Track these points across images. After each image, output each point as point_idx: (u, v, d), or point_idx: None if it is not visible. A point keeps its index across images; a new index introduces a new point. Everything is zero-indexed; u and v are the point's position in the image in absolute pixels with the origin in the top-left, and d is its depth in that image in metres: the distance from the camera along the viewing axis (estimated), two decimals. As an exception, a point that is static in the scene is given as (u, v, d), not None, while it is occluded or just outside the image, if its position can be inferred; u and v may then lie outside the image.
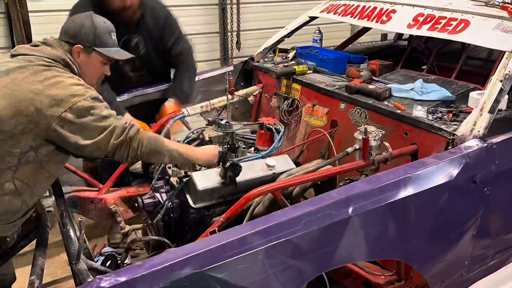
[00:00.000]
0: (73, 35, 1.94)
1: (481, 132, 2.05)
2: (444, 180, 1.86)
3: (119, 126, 1.82)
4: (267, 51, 3.46)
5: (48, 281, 2.80)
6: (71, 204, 2.39)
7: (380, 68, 3.02)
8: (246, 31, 5.30)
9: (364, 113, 2.54)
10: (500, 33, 2.28)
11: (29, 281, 1.69)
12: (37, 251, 1.88)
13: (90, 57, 1.98)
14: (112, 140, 1.80)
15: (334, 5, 3.24)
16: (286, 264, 1.53)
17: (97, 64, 2.01)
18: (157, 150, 1.95)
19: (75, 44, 1.93)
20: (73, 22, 1.98)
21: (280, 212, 1.63)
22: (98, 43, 1.98)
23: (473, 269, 2.17)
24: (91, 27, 1.96)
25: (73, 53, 1.93)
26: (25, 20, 4.09)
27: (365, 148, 2.02)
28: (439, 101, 2.45)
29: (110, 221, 2.60)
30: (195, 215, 2.17)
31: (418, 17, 2.64)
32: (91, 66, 1.99)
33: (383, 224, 1.73)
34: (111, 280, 1.31)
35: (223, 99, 3.00)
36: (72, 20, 2.00)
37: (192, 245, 1.47)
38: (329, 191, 1.74)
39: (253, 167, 2.26)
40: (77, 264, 1.57)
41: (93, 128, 1.76)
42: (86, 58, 1.97)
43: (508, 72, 2.14)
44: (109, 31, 2.03)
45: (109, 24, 2.06)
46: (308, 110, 2.92)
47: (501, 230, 2.25)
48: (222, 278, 1.40)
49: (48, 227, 2.03)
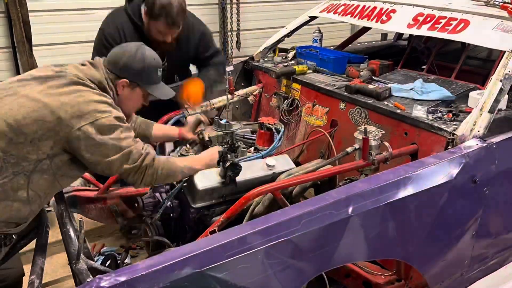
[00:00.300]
0: (121, 68, 1.94)
1: (481, 132, 2.06)
2: (444, 180, 1.86)
3: (136, 151, 1.84)
4: (267, 50, 3.46)
5: (48, 281, 2.80)
6: (71, 204, 2.39)
7: (380, 68, 3.01)
8: (246, 31, 5.31)
9: (364, 113, 2.54)
10: (500, 33, 2.28)
11: (29, 281, 1.69)
12: (37, 251, 1.88)
13: (134, 92, 2.00)
14: (126, 164, 1.83)
15: (334, 4, 3.24)
16: (286, 264, 1.53)
17: (139, 98, 2.05)
18: (170, 173, 1.99)
19: (121, 77, 1.94)
20: (123, 54, 1.96)
21: (280, 211, 1.63)
22: (145, 80, 2.00)
23: (473, 269, 2.17)
24: (140, 64, 1.96)
25: (118, 86, 1.95)
26: (25, 20, 4.10)
27: (365, 148, 2.02)
28: (439, 101, 2.45)
29: (110, 221, 2.61)
30: (195, 214, 2.17)
31: (418, 16, 2.65)
32: (133, 100, 2.03)
33: (383, 224, 1.73)
34: (111, 280, 1.31)
35: (223, 99, 3.00)
36: (123, 51, 1.98)
37: (192, 244, 1.47)
38: (329, 191, 1.74)
39: (253, 167, 2.26)
40: (77, 263, 1.57)
41: (110, 147, 1.78)
42: (130, 92, 1.99)
43: (508, 71, 2.14)
44: (157, 68, 2.04)
45: (158, 61, 2.05)
46: (308, 110, 2.92)
47: (501, 229, 2.25)
48: (222, 278, 1.40)
49: (48, 227, 2.02)
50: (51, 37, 4.40)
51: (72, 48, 4.49)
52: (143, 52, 1.99)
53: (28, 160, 1.71)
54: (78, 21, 4.45)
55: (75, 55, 4.44)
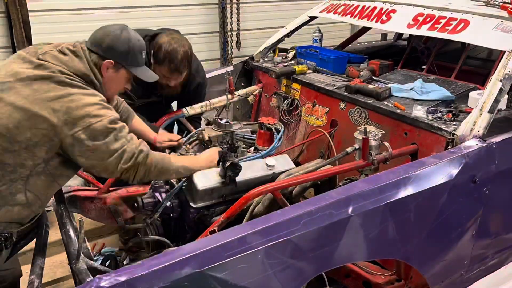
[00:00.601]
0: (106, 49, 1.91)
1: (481, 132, 2.05)
2: (444, 180, 1.86)
3: (129, 150, 1.84)
4: (267, 50, 3.47)
5: (47, 281, 2.80)
6: (71, 203, 2.39)
7: (380, 68, 3.02)
8: (246, 31, 5.31)
9: (364, 112, 2.54)
10: (500, 33, 2.28)
11: (29, 281, 1.69)
12: (37, 251, 1.88)
13: (118, 73, 1.98)
14: (121, 164, 1.82)
15: (334, 5, 3.24)
16: (286, 264, 1.53)
17: (122, 80, 2.03)
18: (164, 171, 1.99)
19: (106, 58, 1.91)
20: (108, 35, 1.93)
21: (279, 211, 1.63)
22: (130, 62, 1.97)
23: (472, 269, 2.17)
24: (126, 45, 1.93)
25: (102, 67, 1.91)
26: (25, 19, 4.09)
27: (365, 148, 2.02)
28: (439, 101, 2.45)
29: (110, 221, 2.60)
30: (195, 214, 2.17)
31: (418, 17, 2.65)
32: (117, 81, 2.00)
33: (382, 224, 1.73)
34: (110, 280, 1.31)
35: (223, 99, 3.00)
36: (107, 32, 1.95)
37: (191, 244, 1.47)
38: (329, 191, 1.74)
39: (253, 167, 2.26)
40: (76, 263, 1.57)
41: (103, 150, 1.78)
42: (114, 73, 1.96)
43: (508, 72, 2.14)
44: (142, 50, 2.02)
45: (143, 43, 2.05)
46: (308, 109, 2.92)
47: (500, 229, 2.25)
48: (222, 277, 1.40)
49: (48, 226, 2.02)
50: (51, 37, 4.37)
51: (72, 48, 4.48)
52: (128, 33, 1.97)
53: (25, 167, 1.71)
54: (78, 21, 4.45)
55: (75, 55, 4.44)
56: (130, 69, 1.99)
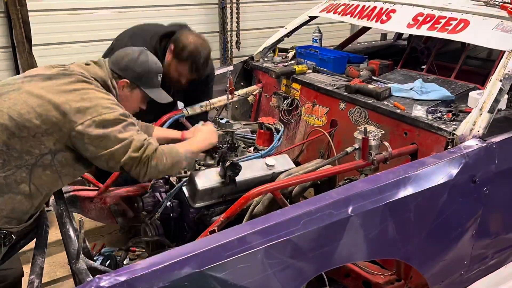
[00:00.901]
0: (123, 69, 2.02)
1: (481, 131, 2.05)
2: (444, 180, 1.86)
3: (138, 139, 1.84)
4: (267, 50, 3.47)
5: (47, 281, 2.80)
6: (71, 203, 2.39)
7: (379, 67, 3.02)
8: (245, 31, 5.31)
9: (364, 112, 2.54)
10: (499, 32, 2.28)
11: (29, 281, 1.69)
12: (37, 251, 1.88)
13: (133, 93, 2.07)
14: (128, 153, 1.82)
15: (334, 4, 3.24)
16: (286, 264, 1.53)
17: (137, 100, 2.11)
18: (175, 162, 1.97)
19: (122, 77, 2.01)
20: (126, 55, 2.04)
21: (279, 211, 1.63)
22: (144, 83, 2.06)
23: (472, 268, 2.17)
24: (142, 67, 2.03)
25: (118, 85, 2.01)
26: (25, 19, 4.09)
27: (365, 147, 2.02)
28: (438, 101, 2.45)
29: (110, 221, 2.60)
30: (195, 214, 2.17)
31: (417, 16, 2.65)
32: (131, 101, 2.08)
33: (382, 224, 1.73)
34: (110, 280, 1.31)
35: (223, 99, 3.00)
36: (126, 53, 2.06)
37: (191, 244, 1.47)
38: (329, 191, 1.74)
39: (252, 167, 2.26)
40: (76, 263, 1.57)
41: (112, 139, 1.79)
42: (129, 92, 2.05)
43: (508, 71, 2.14)
44: (158, 72, 2.11)
45: (160, 66, 2.13)
46: (308, 109, 2.92)
47: (500, 229, 2.25)
48: (222, 277, 1.40)
49: (48, 226, 2.02)
50: (51, 37, 4.40)
51: (72, 48, 4.49)
52: (146, 56, 2.07)
53: (31, 154, 1.73)
54: (78, 21, 4.45)
55: (75, 55, 4.44)
56: (144, 90, 2.07)
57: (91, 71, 1.94)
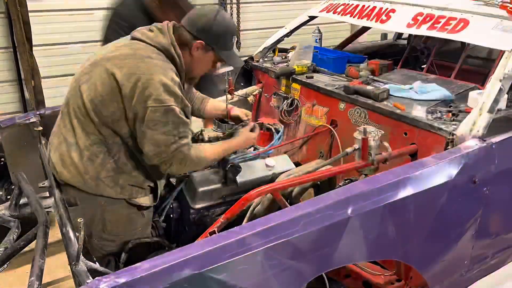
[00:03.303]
0: (200, 29, 1.95)
1: (481, 132, 2.05)
2: (444, 180, 1.86)
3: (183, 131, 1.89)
4: (267, 50, 3.46)
5: (47, 282, 2.80)
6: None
7: (379, 67, 3.01)
8: (246, 31, 5.31)
9: (364, 113, 2.54)
10: (499, 32, 2.28)
11: (29, 282, 1.69)
12: (37, 251, 1.88)
13: (207, 55, 2.01)
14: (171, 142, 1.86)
15: (334, 4, 3.24)
16: (286, 265, 1.53)
17: (209, 62, 2.06)
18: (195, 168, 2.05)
19: (198, 39, 1.95)
20: (204, 15, 1.97)
21: (279, 212, 1.63)
22: (220, 45, 2.00)
23: (472, 268, 2.17)
24: (220, 28, 1.97)
25: (192, 47, 1.96)
26: (25, 19, 4.10)
27: (365, 148, 2.02)
28: (438, 101, 2.45)
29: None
30: (195, 215, 2.17)
31: (417, 16, 2.64)
32: (204, 62, 2.04)
33: (382, 224, 1.73)
34: (110, 282, 1.31)
35: (223, 99, 3.00)
36: (203, 13, 1.99)
37: (191, 246, 1.47)
38: (329, 192, 1.74)
39: (252, 168, 2.26)
40: (76, 265, 1.57)
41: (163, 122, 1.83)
42: (203, 55, 2.00)
43: (508, 71, 2.13)
44: (233, 34, 2.05)
45: (235, 27, 2.10)
46: (308, 110, 2.92)
47: (500, 229, 2.25)
48: (222, 279, 1.40)
49: (48, 227, 2.02)
50: (51, 37, 4.41)
51: (72, 48, 4.50)
52: (223, 16, 2.00)
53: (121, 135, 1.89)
54: (78, 21, 4.45)
55: (75, 55, 4.45)
56: (219, 52, 2.02)
57: (154, 39, 1.91)
